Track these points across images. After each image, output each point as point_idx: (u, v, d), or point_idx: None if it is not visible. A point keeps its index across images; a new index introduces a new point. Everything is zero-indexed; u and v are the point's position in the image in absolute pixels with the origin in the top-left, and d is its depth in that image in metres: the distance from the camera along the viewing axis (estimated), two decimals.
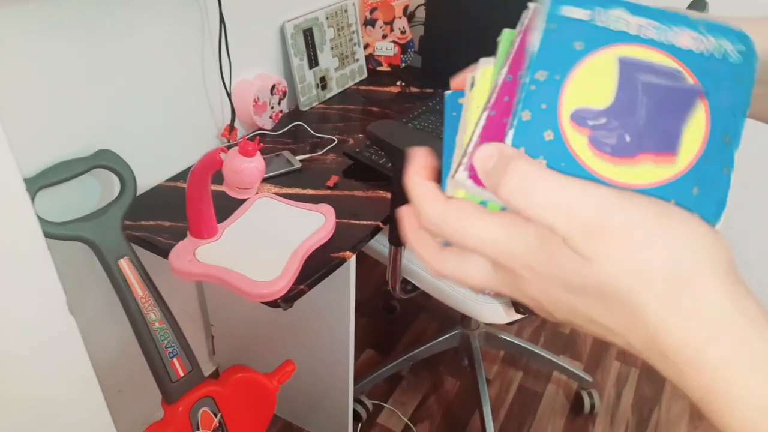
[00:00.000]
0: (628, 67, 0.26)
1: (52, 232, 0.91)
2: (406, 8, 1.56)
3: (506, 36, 0.29)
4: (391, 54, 1.58)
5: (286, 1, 1.32)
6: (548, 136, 0.25)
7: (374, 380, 1.48)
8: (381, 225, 1.03)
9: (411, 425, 1.46)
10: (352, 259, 1.04)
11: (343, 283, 1.08)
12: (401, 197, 0.28)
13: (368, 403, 1.46)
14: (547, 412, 1.52)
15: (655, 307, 0.22)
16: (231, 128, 1.23)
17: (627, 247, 0.22)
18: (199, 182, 0.90)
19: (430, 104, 1.38)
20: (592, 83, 0.26)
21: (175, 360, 1.00)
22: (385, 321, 1.77)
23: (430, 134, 1.25)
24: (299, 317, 1.18)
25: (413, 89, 1.52)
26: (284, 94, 1.32)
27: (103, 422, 0.87)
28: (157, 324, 0.98)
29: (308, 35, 1.37)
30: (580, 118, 0.25)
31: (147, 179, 1.13)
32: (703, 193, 0.25)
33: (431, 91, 1.50)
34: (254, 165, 0.83)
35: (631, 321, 0.23)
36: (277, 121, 1.33)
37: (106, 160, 1.00)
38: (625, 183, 0.25)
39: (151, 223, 1.04)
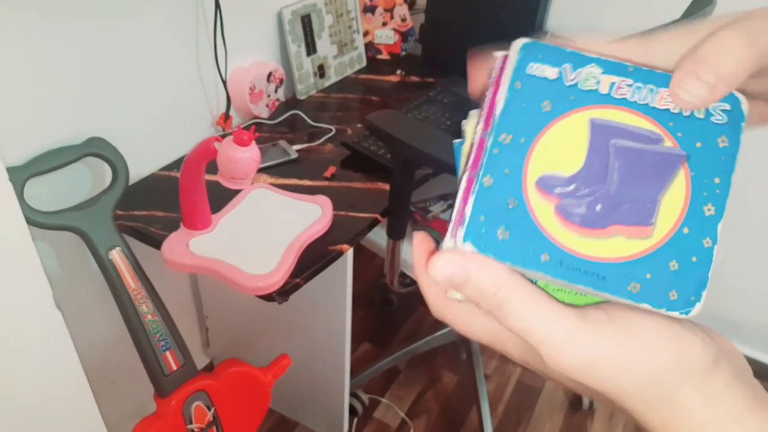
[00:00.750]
0: (599, 130, 0.24)
1: (42, 221, 0.89)
2: None
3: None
4: (391, 42, 1.55)
5: None
6: (512, 203, 0.24)
7: (371, 374, 1.46)
8: (379, 217, 1.01)
9: (408, 420, 1.44)
10: (350, 252, 1.02)
11: (340, 276, 1.06)
12: (400, 189, 0.26)
13: (364, 397, 1.44)
14: (546, 408, 1.50)
15: (637, 410, 0.24)
16: (226, 117, 1.20)
17: (597, 377, 0.23)
18: (193, 172, 0.87)
19: (431, 94, 1.35)
20: (560, 147, 0.24)
21: (167, 353, 0.98)
22: (382, 314, 1.75)
23: (430, 125, 1.23)
24: (295, 310, 1.16)
25: (413, 78, 1.49)
26: (281, 81, 1.29)
27: (91, 417, 0.85)
28: (149, 316, 0.96)
29: (306, 22, 1.34)
30: (546, 185, 0.24)
31: (140, 168, 1.10)
32: (682, 269, 0.23)
33: (432, 80, 1.47)
34: (249, 155, 0.81)
35: (621, 407, 0.25)
36: (273, 109, 1.30)
37: (97, 149, 0.97)
38: (595, 256, 0.23)
39: (144, 213, 1.01)
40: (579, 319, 0.23)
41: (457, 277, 0.24)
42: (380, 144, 1.15)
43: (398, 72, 1.51)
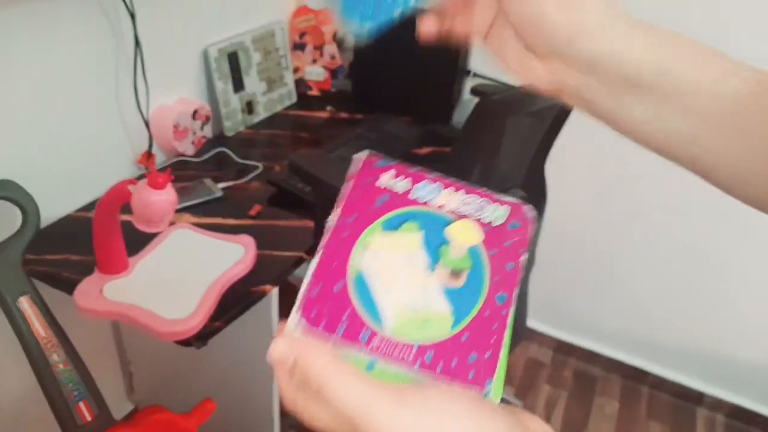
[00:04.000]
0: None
1: None
2: (335, 34, 1.55)
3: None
4: (322, 78, 1.57)
5: (209, 25, 1.29)
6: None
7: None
8: (305, 256, 1.01)
9: None
10: (274, 292, 1.01)
11: (265, 317, 1.04)
12: (323, 227, 0.29)
13: None
14: None
15: None
16: (148, 155, 1.17)
17: None
18: (106, 216, 0.85)
19: (359, 131, 1.37)
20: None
21: (81, 403, 0.93)
22: None
23: None
24: (221, 353, 1.13)
25: (343, 114, 1.51)
26: (207, 119, 1.28)
27: None
28: (60, 366, 0.91)
29: (233, 59, 1.34)
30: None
31: (55, 209, 1.06)
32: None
33: (361, 116, 1.50)
34: (164, 197, 0.80)
35: None
36: (199, 147, 1.29)
37: (6, 191, 0.93)
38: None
39: (58, 257, 0.98)
40: (392, 398, 0.25)
41: (287, 359, 0.27)
42: (306, 181, 1.15)
43: (328, 108, 1.52)
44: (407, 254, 0.28)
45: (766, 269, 1.46)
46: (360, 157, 0.31)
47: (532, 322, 1.79)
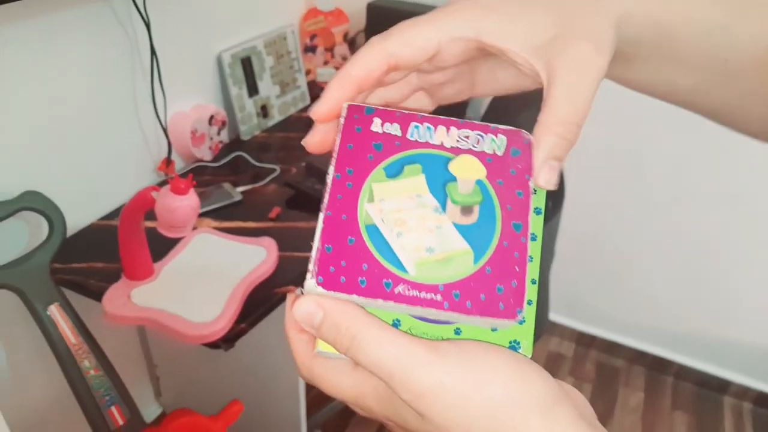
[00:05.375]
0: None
1: None
2: (346, 35, 1.56)
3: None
4: None
5: (222, 31, 1.30)
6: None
7: (328, 412, 1.45)
8: None
9: None
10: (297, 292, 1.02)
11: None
12: None
13: None
14: None
15: None
16: (168, 162, 1.19)
17: (445, 405, 0.24)
18: (131, 223, 0.86)
19: None
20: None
21: (113, 408, 0.95)
22: None
23: None
24: (246, 354, 1.14)
25: None
26: (223, 124, 1.30)
27: None
28: (92, 372, 0.93)
29: (247, 64, 1.35)
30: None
31: (79, 218, 1.08)
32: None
33: None
34: (187, 203, 0.81)
35: None
36: (216, 152, 1.30)
37: (32, 203, 0.95)
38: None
39: (84, 265, 0.99)
40: (429, 351, 0.24)
41: (315, 315, 0.25)
42: (324, 182, 1.16)
43: None
44: (415, 197, 0.28)
45: None
46: (342, 107, 0.29)
47: (552, 315, 1.79)
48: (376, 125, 0.29)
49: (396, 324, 0.26)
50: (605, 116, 1.32)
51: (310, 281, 0.26)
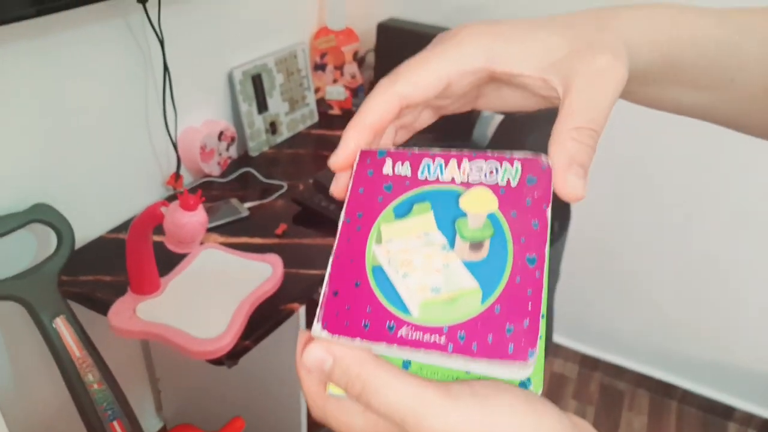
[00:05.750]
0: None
1: None
2: (356, 54, 1.58)
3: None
4: (342, 98, 1.59)
5: (234, 48, 1.32)
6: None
7: (329, 430, 1.44)
8: None
9: None
10: (302, 310, 1.02)
11: (293, 335, 1.05)
12: None
13: None
14: None
15: None
16: (177, 176, 1.20)
17: None
18: (139, 237, 0.87)
19: None
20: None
21: (114, 422, 0.95)
22: None
23: None
24: (249, 371, 1.14)
25: None
26: (232, 140, 1.31)
27: None
28: (95, 385, 0.93)
29: (257, 81, 1.37)
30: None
31: (88, 231, 1.09)
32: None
33: None
34: (196, 219, 0.81)
35: None
36: (225, 167, 1.31)
37: (42, 215, 0.96)
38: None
39: (91, 278, 1.00)
40: (441, 393, 0.24)
41: (325, 361, 0.25)
42: (330, 199, 1.17)
43: None
44: (422, 236, 0.27)
45: None
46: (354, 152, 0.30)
47: (556, 337, 1.78)
48: (388, 167, 0.29)
49: (406, 365, 0.26)
50: (613, 133, 1.32)
51: (316, 326, 0.26)
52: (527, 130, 1.01)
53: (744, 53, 0.32)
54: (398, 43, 1.48)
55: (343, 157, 0.29)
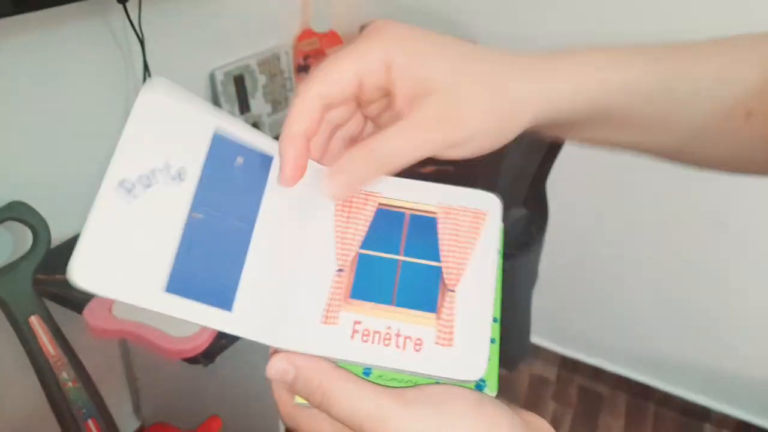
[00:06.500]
0: None
1: None
2: None
3: None
4: None
5: (216, 49, 1.32)
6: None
7: None
8: None
9: None
10: None
11: None
12: None
13: None
14: None
15: None
16: None
17: None
18: None
19: None
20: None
21: (89, 421, 0.95)
22: None
23: None
24: (226, 370, 1.14)
25: None
26: None
27: None
28: (70, 384, 0.93)
29: (239, 82, 1.37)
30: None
31: (64, 229, 1.08)
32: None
33: None
34: None
35: None
36: None
37: (18, 213, 0.96)
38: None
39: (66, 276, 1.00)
40: (397, 400, 0.25)
41: (288, 372, 0.26)
42: None
43: None
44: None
45: (765, 284, 1.47)
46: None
47: (536, 339, 1.80)
48: None
49: (367, 372, 0.27)
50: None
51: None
52: None
53: (676, 96, 0.32)
54: None
55: (290, 172, 0.29)
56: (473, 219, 0.30)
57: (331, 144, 0.32)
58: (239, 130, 0.29)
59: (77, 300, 0.94)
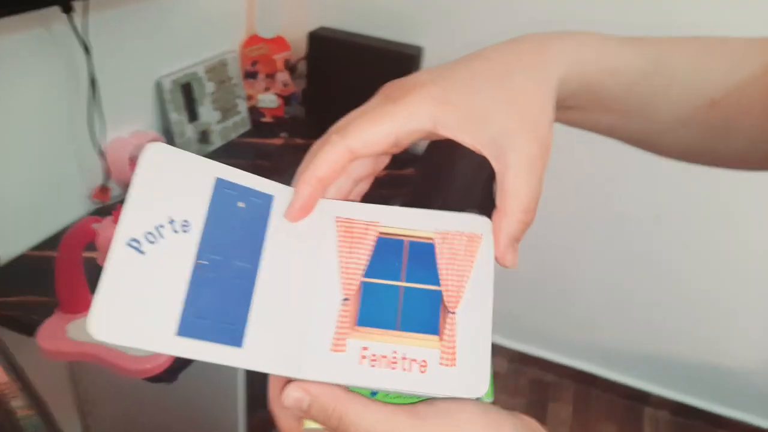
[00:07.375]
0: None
1: None
2: (287, 62, 1.58)
3: None
4: (275, 106, 1.59)
5: (162, 57, 1.29)
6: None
7: None
8: None
9: None
10: None
11: None
12: None
13: None
14: None
15: None
16: (104, 189, 1.16)
17: None
18: (70, 255, 0.84)
19: None
20: None
21: None
22: None
23: None
24: (183, 387, 1.12)
25: (298, 140, 1.54)
26: None
27: None
28: (22, 412, 0.89)
29: (187, 90, 1.34)
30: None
31: (9, 248, 1.03)
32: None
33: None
34: None
35: None
36: None
37: None
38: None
39: (14, 299, 0.95)
40: (410, 416, 0.27)
41: (303, 401, 0.27)
42: None
43: (282, 135, 1.54)
44: None
45: (697, 273, 1.57)
46: None
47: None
48: None
49: (373, 394, 0.29)
50: None
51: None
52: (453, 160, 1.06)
53: (656, 84, 0.36)
54: (330, 52, 1.50)
55: (298, 212, 0.30)
56: (469, 242, 0.32)
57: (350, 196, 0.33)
58: (239, 176, 0.31)
59: (27, 322, 0.90)
